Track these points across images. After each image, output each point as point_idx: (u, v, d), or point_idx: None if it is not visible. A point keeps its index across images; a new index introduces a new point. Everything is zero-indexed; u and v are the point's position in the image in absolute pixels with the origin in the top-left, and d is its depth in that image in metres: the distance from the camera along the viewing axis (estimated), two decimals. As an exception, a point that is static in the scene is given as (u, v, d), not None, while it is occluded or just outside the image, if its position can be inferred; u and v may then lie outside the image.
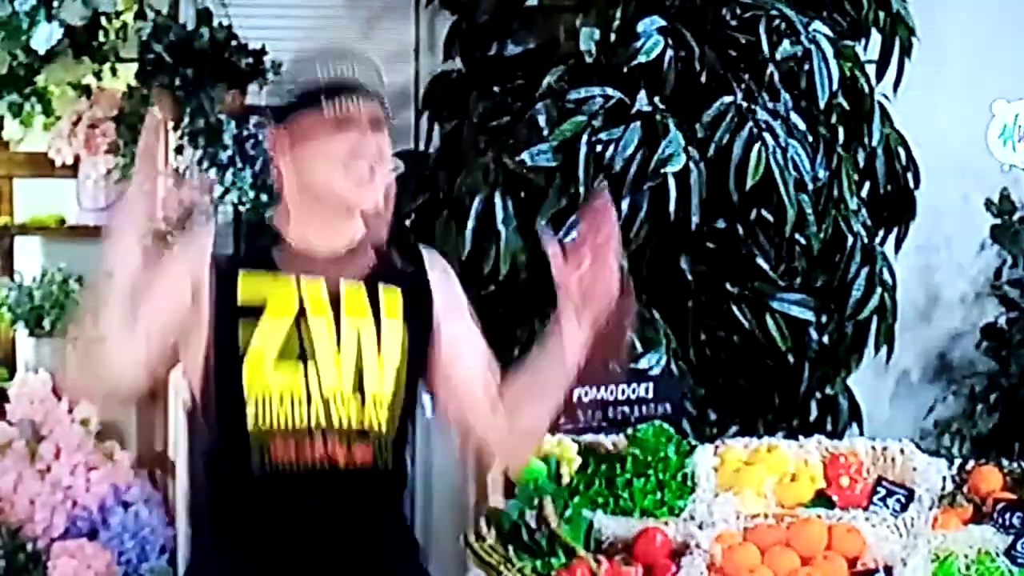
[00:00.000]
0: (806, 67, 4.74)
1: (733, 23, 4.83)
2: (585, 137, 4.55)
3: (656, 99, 4.64)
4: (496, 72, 5.06)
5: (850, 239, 4.91)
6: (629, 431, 4.09)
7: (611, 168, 4.58)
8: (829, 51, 4.72)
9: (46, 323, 5.96)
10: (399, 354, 3.04)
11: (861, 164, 5.04)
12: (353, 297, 3.03)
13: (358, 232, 3.08)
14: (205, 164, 5.22)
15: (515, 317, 4.86)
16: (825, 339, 4.98)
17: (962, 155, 5.70)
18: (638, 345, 4.69)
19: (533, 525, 3.61)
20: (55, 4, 5.07)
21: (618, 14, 4.65)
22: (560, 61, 4.76)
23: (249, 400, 2.93)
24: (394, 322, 3.04)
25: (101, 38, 5.34)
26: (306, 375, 2.96)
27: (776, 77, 4.75)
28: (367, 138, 3.02)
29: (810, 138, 4.77)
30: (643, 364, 4.67)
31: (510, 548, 3.57)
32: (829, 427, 5.06)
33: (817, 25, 4.76)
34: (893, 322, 5.03)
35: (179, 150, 5.34)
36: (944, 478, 3.92)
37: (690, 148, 4.59)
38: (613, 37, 4.67)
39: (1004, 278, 5.83)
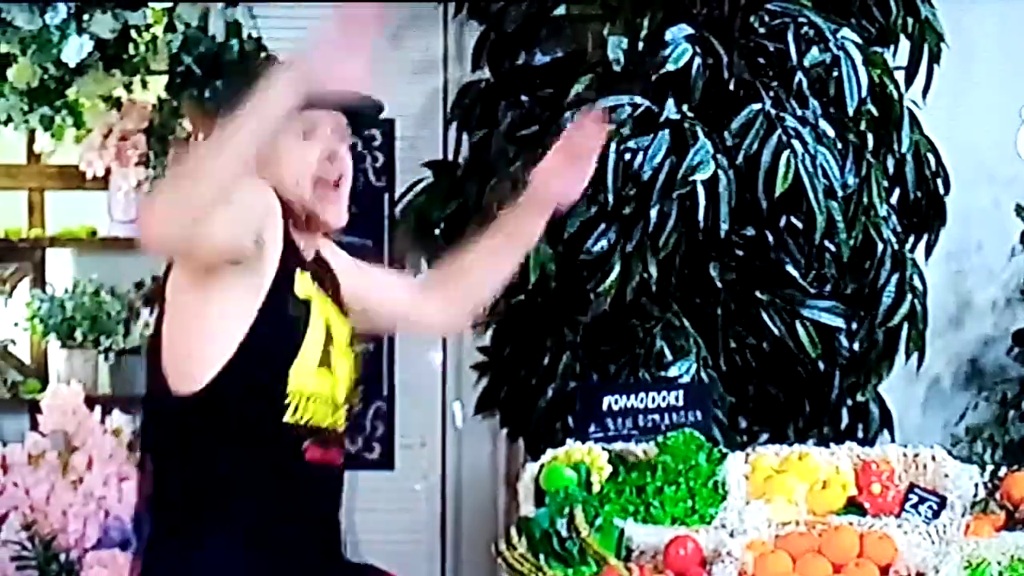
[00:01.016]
0: (835, 74, 4.74)
1: (761, 30, 4.83)
2: (613, 145, 4.55)
3: (684, 107, 4.64)
4: (524, 81, 5.07)
5: (880, 246, 4.90)
6: (660, 439, 4.08)
7: (640, 176, 4.58)
8: (858, 58, 4.71)
9: (78, 335, 5.99)
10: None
11: (891, 171, 5.02)
12: (336, 308, 3.14)
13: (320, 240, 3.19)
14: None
15: (545, 325, 4.87)
16: (856, 346, 4.97)
17: (992, 161, 5.69)
18: (668, 353, 4.69)
19: (564, 533, 3.61)
20: (86, 17, 5.10)
21: (646, 22, 4.66)
22: (588, 70, 4.76)
23: (292, 397, 2.98)
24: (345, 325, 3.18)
25: (131, 51, 5.37)
26: (331, 383, 3.08)
27: (805, 84, 4.74)
28: (334, 147, 3.08)
29: (839, 145, 4.76)
30: (673, 372, 4.67)
31: (541, 556, 3.57)
32: (860, 434, 5.05)
33: (846, 32, 4.75)
34: (924, 328, 5.01)
35: (209, 161, 5.35)
36: (976, 485, 3.90)
37: (719, 156, 4.59)
38: (641, 45, 4.67)
39: (1035, 283, 5.82)
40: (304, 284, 3.03)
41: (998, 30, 5.76)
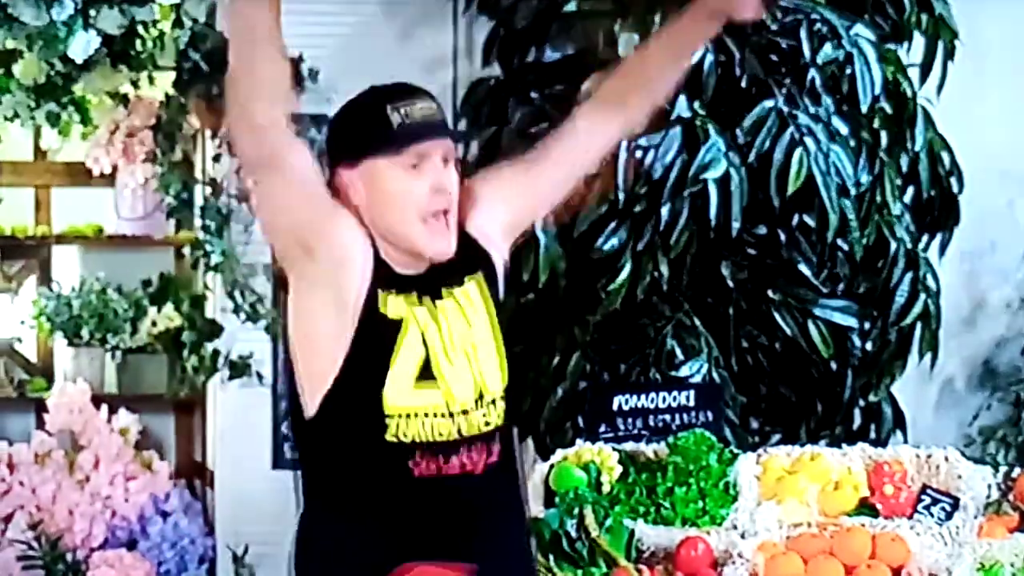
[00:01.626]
0: (848, 71, 4.71)
1: (774, 27, 4.80)
2: (624, 143, 4.52)
3: (696, 104, 4.62)
4: (534, 78, 5.04)
5: (893, 245, 4.87)
6: (670, 439, 4.06)
7: (651, 174, 4.56)
8: (871, 55, 4.69)
9: (84, 333, 5.98)
10: (498, 339, 3.11)
11: (904, 169, 5.00)
12: (454, 309, 3.07)
13: None
14: (243, 172, 5.21)
15: (554, 324, 4.85)
16: (868, 346, 4.94)
17: (1006, 160, 5.65)
18: (679, 353, 4.66)
19: (574, 534, 3.59)
20: (92, 13, 5.07)
21: (657, 19, 4.62)
22: (599, 67, 4.72)
23: (391, 417, 2.97)
24: (487, 312, 3.10)
25: (138, 47, 5.35)
26: (440, 394, 3.01)
27: (818, 81, 4.71)
28: (442, 178, 3.02)
29: (852, 143, 4.74)
30: (684, 372, 4.65)
31: (551, 557, 3.55)
32: (873, 435, 5.02)
33: (859, 29, 4.73)
34: (937, 328, 4.99)
35: (216, 158, 5.34)
36: (989, 486, 3.88)
37: (731, 154, 4.57)
38: (652, 42, 4.64)
39: (1050, 284, 5.80)
40: (394, 305, 2.99)
41: (1012, 28, 5.72)
